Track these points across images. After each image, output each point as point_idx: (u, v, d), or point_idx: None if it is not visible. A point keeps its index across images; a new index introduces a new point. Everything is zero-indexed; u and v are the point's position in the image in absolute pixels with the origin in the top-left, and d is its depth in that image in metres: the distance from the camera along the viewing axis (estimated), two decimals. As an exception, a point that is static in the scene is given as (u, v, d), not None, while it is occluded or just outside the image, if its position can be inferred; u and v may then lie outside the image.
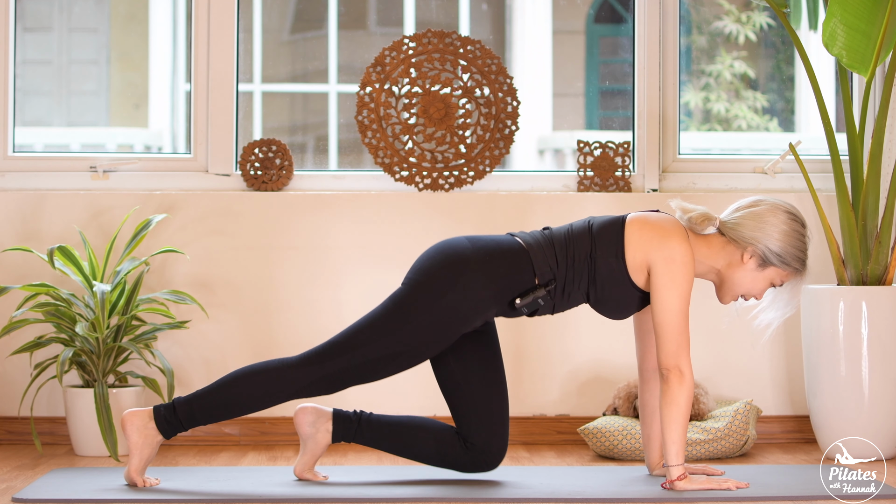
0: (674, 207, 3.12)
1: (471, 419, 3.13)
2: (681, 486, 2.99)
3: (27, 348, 3.71)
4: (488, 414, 3.13)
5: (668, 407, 2.99)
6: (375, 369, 3.05)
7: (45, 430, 3.96)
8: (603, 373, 4.07)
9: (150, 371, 3.93)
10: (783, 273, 3.08)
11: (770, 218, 3.05)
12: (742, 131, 4.95)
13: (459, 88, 4.12)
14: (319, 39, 4.74)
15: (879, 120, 3.76)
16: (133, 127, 4.90)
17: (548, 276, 3.05)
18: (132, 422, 3.07)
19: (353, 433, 3.16)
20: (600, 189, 4.14)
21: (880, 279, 3.75)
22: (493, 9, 4.89)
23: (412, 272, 3.09)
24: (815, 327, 3.72)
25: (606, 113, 4.73)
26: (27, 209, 4.02)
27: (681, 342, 2.99)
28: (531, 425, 4.04)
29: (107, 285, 3.67)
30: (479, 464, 3.14)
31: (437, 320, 3.03)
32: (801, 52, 3.80)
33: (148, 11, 4.80)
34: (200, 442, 3.98)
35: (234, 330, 4.02)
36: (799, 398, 4.10)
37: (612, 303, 3.09)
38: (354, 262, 4.05)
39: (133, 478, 3.06)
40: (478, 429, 3.13)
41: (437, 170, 4.11)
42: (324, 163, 4.57)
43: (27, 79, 4.45)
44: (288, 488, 3.04)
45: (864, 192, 3.76)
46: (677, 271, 3.00)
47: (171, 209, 4.02)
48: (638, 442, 3.62)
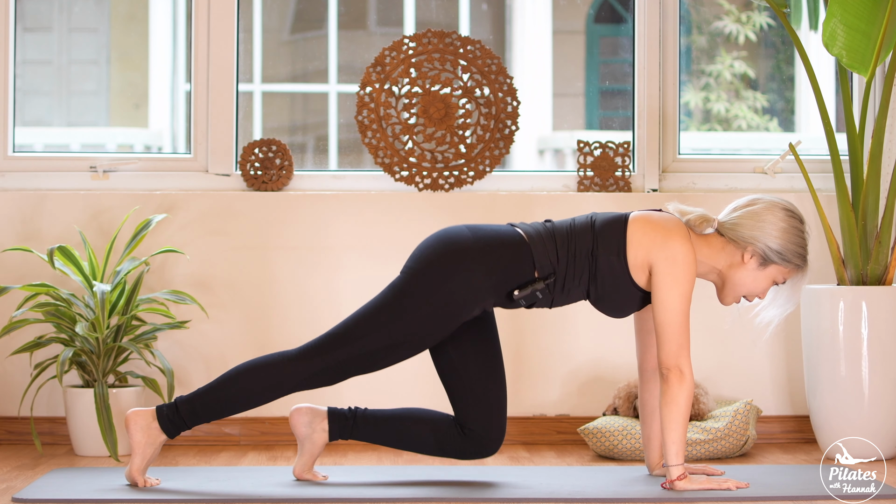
0: (671, 211, 3.11)
1: (469, 406, 3.13)
2: (681, 486, 2.99)
3: (27, 348, 3.71)
4: (486, 400, 3.13)
5: (668, 407, 2.99)
6: (375, 359, 3.05)
7: (45, 430, 3.96)
8: (603, 373, 4.07)
9: (150, 371, 3.93)
10: (785, 270, 3.07)
11: (768, 216, 3.05)
12: (742, 131, 4.95)
13: (459, 88, 4.12)
14: (319, 39, 4.74)
15: (879, 120, 3.75)
16: (133, 127, 4.90)
17: (548, 270, 3.04)
18: (136, 421, 3.06)
19: (349, 430, 3.15)
20: (600, 189, 4.14)
21: (880, 279, 3.75)
22: (493, 9, 4.89)
23: (411, 261, 3.09)
24: (815, 327, 3.72)
25: (606, 113, 4.73)
26: (27, 209, 4.02)
27: (681, 342, 2.99)
28: (531, 425, 4.04)
29: (107, 285, 3.67)
30: (478, 450, 3.14)
31: (436, 309, 3.02)
32: (801, 52, 3.80)
33: (148, 11, 4.80)
34: (200, 442, 3.98)
35: (234, 330, 4.02)
36: (799, 398, 4.10)
37: (612, 301, 3.08)
38: (355, 262, 4.05)
39: (134, 477, 3.06)
40: (476, 415, 3.12)
41: (437, 170, 4.10)
42: (324, 163, 4.57)
43: (27, 79, 4.44)
44: (288, 488, 3.04)
45: (864, 192, 3.76)
46: (679, 271, 2.99)
47: (171, 209, 4.02)
48: (638, 442, 3.62)
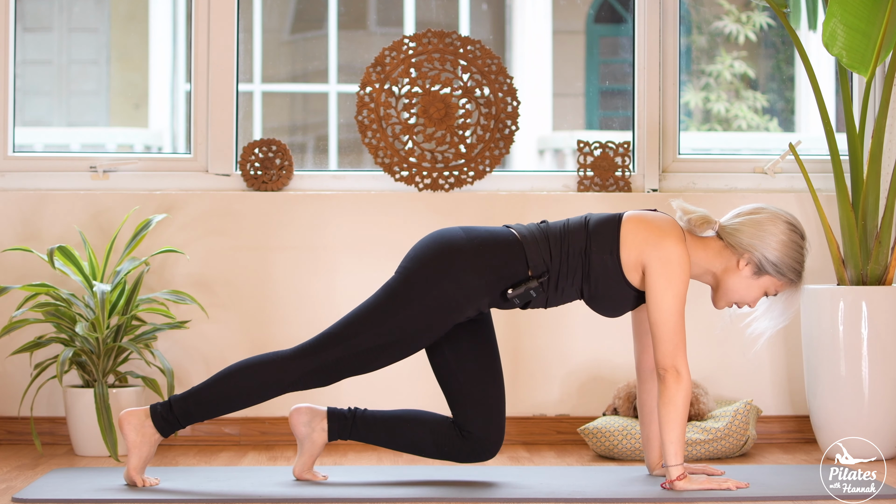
0: (675, 207, 3.11)
1: (467, 408, 3.13)
2: (680, 486, 2.99)
3: (27, 348, 3.71)
4: (485, 402, 3.13)
5: (666, 407, 2.99)
6: (370, 359, 3.05)
7: (45, 430, 3.96)
8: (602, 373, 4.07)
9: (150, 371, 3.93)
10: (778, 283, 3.07)
11: (770, 227, 3.05)
12: (742, 131, 4.95)
13: (459, 88, 4.12)
14: (319, 39, 4.74)
15: (879, 120, 3.75)
16: (133, 127, 4.90)
17: (541, 269, 3.04)
18: (129, 421, 3.07)
19: (348, 430, 3.16)
20: (600, 189, 4.14)
21: (880, 279, 3.75)
22: (493, 9, 4.89)
23: (406, 261, 3.10)
24: (815, 327, 3.72)
25: (606, 113, 4.73)
26: (27, 209, 4.02)
27: (677, 342, 2.99)
28: (531, 425, 4.04)
29: (107, 285, 3.67)
30: (477, 453, 3.14)
31: (430, 309, 3.02)
32: (801, 52, 3.80)
33: (148, 11, 4.80)
34: (200, 442, 3.98)
35: (234, 330, 4.02)
36: (799, 398, 4.09)
37: (605, 300, 3.09)
38: (354, 261, 4.05)
39: (132, 477, 3.06)
40: (474, 417, 3.12)
41: (437, 170, 4.10)
42: (324, 163, 4.57)
43: (27, 79, 4.44)
44: (288, 488, 3.04)
45: (864, 192, 3.76)
46: (673, 272, 2.99)
47: (171, 209, 4.02)
48: (638, 442, 3.62)
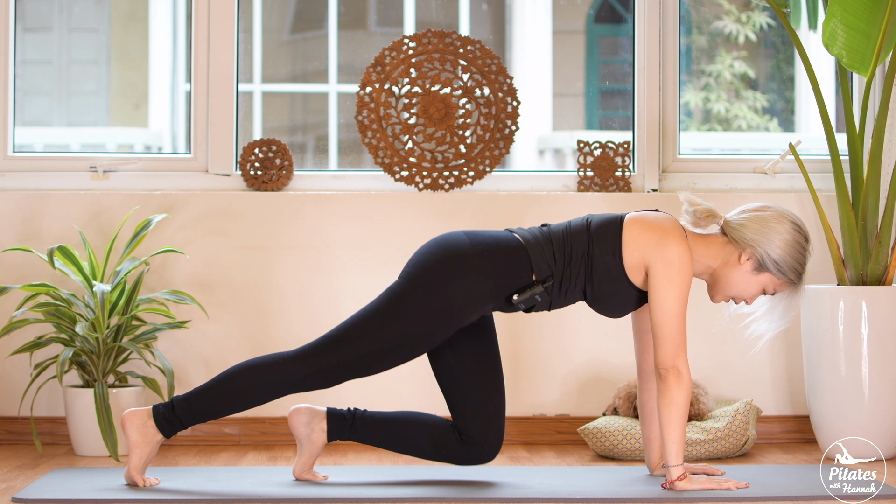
0: (682, 199, 3.11)
1: (467, 411, 3.13)
2: (681, 486, 2.99)
3: (27, 348, 3.71)
4: (484, 406, 3.13)
5: (667, 407, 2.99)
6: (371, 363, 3.05)
7: (45, 430, 3.96)
8: (603, 373, 4.07)
9: (150, 371, 3.93)
10: (778, 282, 3.07)
11: (775, 225, 3.05)
12: (742, 131, 4.95)
13: (459, 88, 4.12)
14: (319, 39, 4.74)
15: (879, 120, 3.75)
16: (133, 127, 4.90)
17: (545, 273, 3.05)
18: (132, 421, 3.07)
19: (347, 431, 3.16)
20: (600, 189, 4.14)
21: (880, 279, 3.75)
22: (493, 9, 4.89)
23: (409, 266, 3.09)
24: (815, 327, 3.72)
25: (606, 113, 4.73)
26: (27, 209, 4.02)
27: (678, 343, 2.99)
28: (531, 425, 4.04)
29: (107, 285, 3.67)
30: (476, 456, 3.14)
31: (434, 315, 3.02)
32: (801, 52, 3.80)
33: (148, 11, 4.80)
34: (200, 442, 3.98)
35: (234, 330, 4.02)
36: (799, 398, 4.10)
37: (608, 301, 3.09)
38: (354, 262, 4.05)
39: (133, 477, 3.06)
40: (474, 421, 3.12)
41: (437, 170, 4.10)
42: (324, 163, 4.57)
43: (27, 79, 4.44)
44: (288, 488, 3.04)
45: (864, 192, 3.76)
46: (675, 272, 3.00)
47: (171, 209, 4.02)
48: (638, 442, 3.62)
